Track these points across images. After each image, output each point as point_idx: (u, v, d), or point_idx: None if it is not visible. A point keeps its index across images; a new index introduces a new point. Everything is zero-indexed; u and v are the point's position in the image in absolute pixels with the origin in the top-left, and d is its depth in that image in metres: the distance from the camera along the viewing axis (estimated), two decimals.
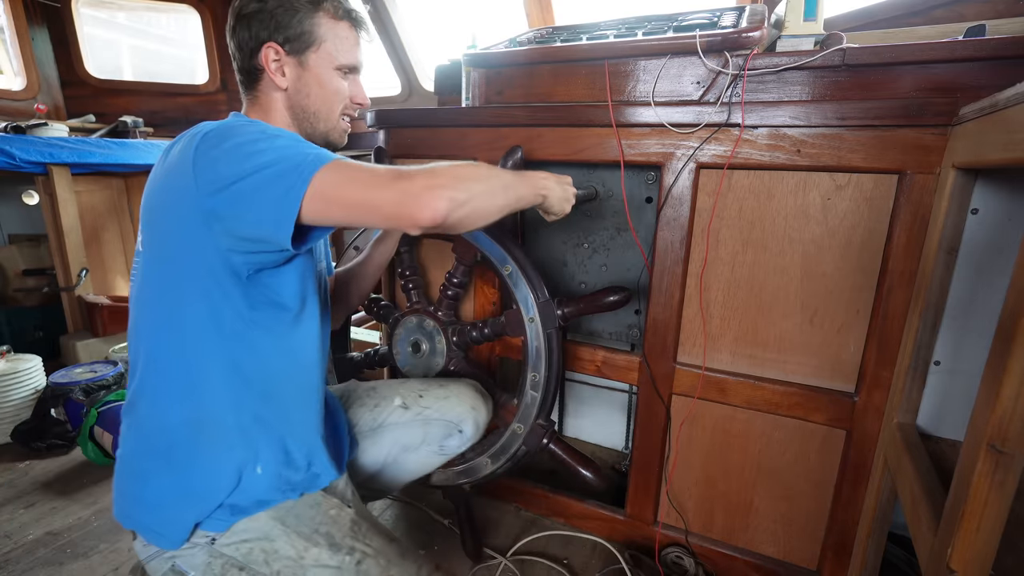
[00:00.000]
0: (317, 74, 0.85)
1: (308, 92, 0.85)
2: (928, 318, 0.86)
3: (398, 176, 0.65)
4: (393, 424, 1.05)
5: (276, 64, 0.83)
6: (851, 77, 0.98)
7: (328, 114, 0.88)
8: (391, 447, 1.05)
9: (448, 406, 1.06)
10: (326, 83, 0.86)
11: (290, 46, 0.82)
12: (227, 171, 0.66)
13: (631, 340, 1.30)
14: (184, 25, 3.50)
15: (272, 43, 0.81)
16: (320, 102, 0.86)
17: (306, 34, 0.82)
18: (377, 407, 1.06)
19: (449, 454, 1.09)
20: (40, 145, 2.07)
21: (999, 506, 0.51)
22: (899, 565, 1.18)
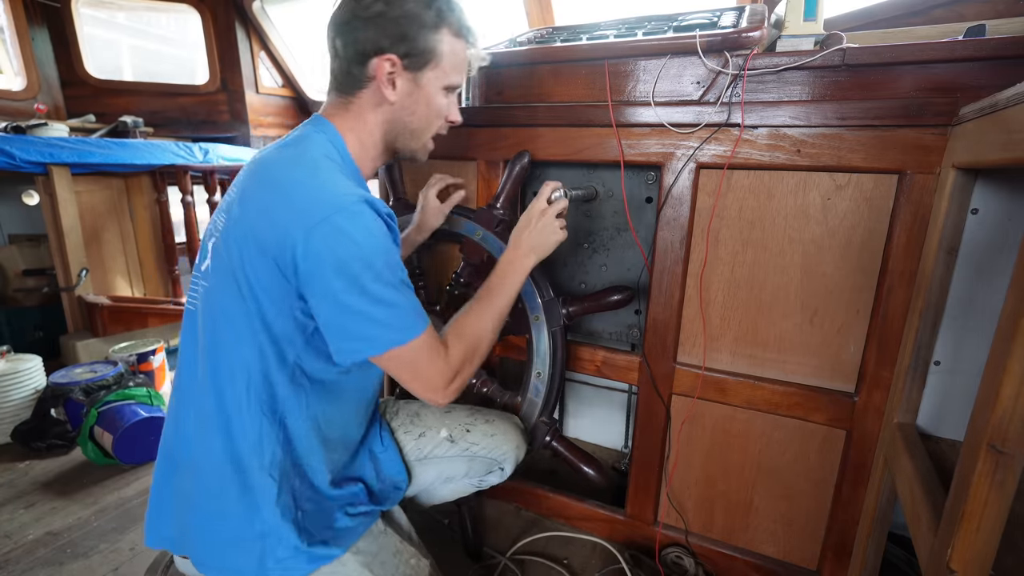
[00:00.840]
0: (428, 93, 0.81)
1: (414, 110, 0.82)
2: (928, 318, 0.86)
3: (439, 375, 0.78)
4: (439, 457, 1.04)
5: (390, 77, 0.78)
6: (851, 77, 0.98)
7: (425, 133, 0.86)
8: (434, 478, 1.04)
9: (494, 444, 1.05)
10: (434, 103, 0.83)
11: (409, 60, 0.78)
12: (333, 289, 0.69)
13: (631, 340, 1.30)
14: (184, 25, 3.50)
15: (391, 55, 0.76)
16: (423, 121, 0.84)
17: (428, 51, 0.78)
18: (423, 436, 1.05)
19: (485, 487, 1.10)
20: (40, 145, 2.07)
21: (999, 506, 0.51)
22: (899, 565, 1.18)
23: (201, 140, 2.79)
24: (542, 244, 0.95)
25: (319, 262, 0.67)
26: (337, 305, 0.69)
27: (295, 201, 0.69)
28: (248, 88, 3.00)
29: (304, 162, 0.74)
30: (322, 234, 0.67)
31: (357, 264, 0.68)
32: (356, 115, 0.81)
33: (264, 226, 0.70)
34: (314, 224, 0.67)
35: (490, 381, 1.26)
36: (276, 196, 0.71)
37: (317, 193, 0.70)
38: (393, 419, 1.08)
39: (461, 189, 1.20)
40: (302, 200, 0.69)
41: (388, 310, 0.71)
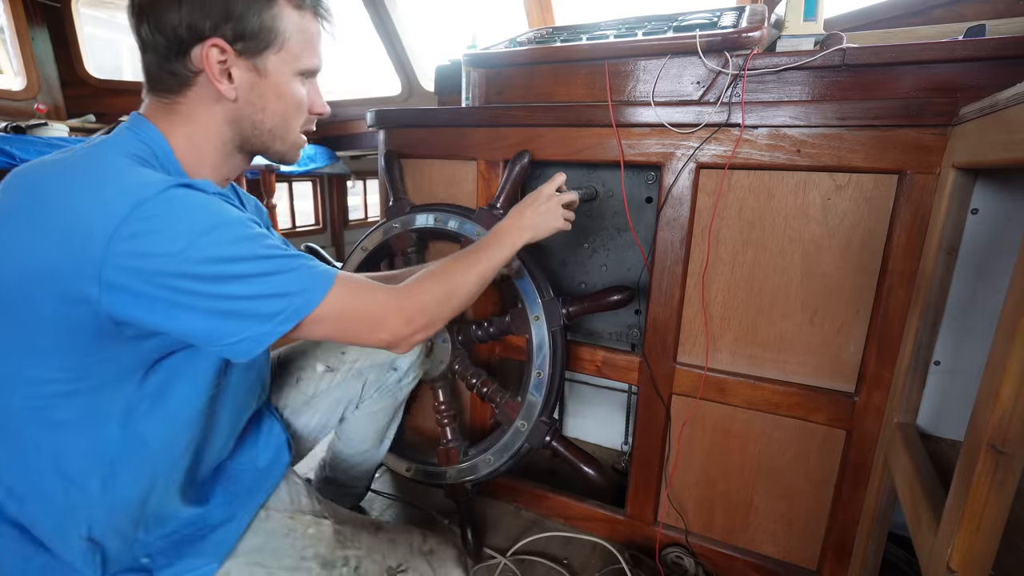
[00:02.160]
0: (277, 82, 0.66)
1: (264, 105, 0.66)
2: (928, 318, 0.86)
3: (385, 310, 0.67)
4: (326, 390, 0.98)
5: (222, 67, 0.62)
6: (851, 77, 0.98)
7: (287, 131, 0.70)
8: (332, 411, 0.99)
9: (373, 350, 0.99)
10: (287, 94, 0.67)
11: (243, 44, 0.62)
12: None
13: (631, 340, 1.30)
14: None
15: (218, 39, 0.61)
16: (279, 118, 0.68)
17: (265, 29, 0.62)
18: (300, 381, 0.98)
19: (396, 392, 1.04)
20: (40, 145, 2.06)
21: (999, 506, 0.51)
22: (899, 565, 1.18)
23: None
24: (541, 225, 0.90)
25: (142, 270, 0.52)
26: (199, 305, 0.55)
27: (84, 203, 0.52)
28: None
29: (86, 164, 0.56)
30: (132, 230, 0.51)
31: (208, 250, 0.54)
32: (186, 117, 0.65)
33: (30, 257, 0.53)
34: (117, 222, 0.51)
35: (490, 381, 1.26)
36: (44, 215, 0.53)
37: (105, 193, 0.53)
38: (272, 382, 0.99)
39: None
40: (93, 199, 0.52)
41: (277, 280, 0.58)
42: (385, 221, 1.35)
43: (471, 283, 0.78)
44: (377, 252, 1.38)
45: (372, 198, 3.91)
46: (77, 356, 0.57)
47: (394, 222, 1.33)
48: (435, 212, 1.28)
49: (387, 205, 1.37)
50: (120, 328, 0.56)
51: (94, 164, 0.57)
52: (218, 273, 0.55)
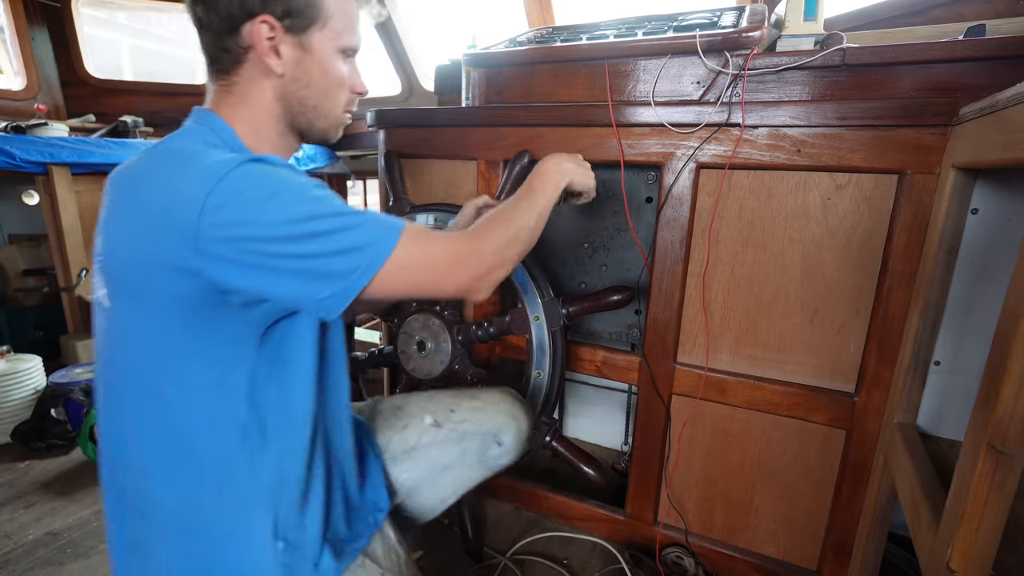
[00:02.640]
0: (321, 58, 0.68)
1: (308, 81, 0.69)
2: (928, 318, 0.86)
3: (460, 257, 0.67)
4: (427, 445, 0.96)
5: (271, 43, 0.65)
6: (851, 77, 0.98)
7: (331, 108, 0.73)
8: (428, 469, 0.97)
9: (483, 417, 0.98)
10: (330, 70, 0.70)
11: (290, 21, 0.65)
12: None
13: (631, 340, 1.30)
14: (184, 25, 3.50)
15: (267, 15, 0.63)
16: (322, 94, 0.71)
17: (311, 7, 0.65)
18: (406, 428, 0.97)
19: (493, 467, 1.01)
20: (40, 145, 2.06)
21: (999, 506, 0.51)
22: (899, 565, 1.18)
23: None
24: (578, 177, 0.90)
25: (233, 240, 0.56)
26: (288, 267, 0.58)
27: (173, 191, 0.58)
28: None
29: (172, 153, 0.62)
30: (217, 205, 0.55)
31: (277, 215, 0.57)
32: (241, 97, 0.68)
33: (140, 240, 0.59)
34: (201, 202, 0.55)
35: (490, 382, 1.26)
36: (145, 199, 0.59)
37: (193, 172, 0.58)
38: (376, 418, 1.01)
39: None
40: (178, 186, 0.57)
41: (349, 235, 0.60)
42: None
43: (532, 222, 0.79)
44: None
45: (372, 198, 3.91)
46: (198, 324, 0.61)
47: None
48: (435, 212, 1.28)
49: (387, 205, 1.37)
50: (227, 296, 0.60)
51: (179, 152, 0.62)
52: (293, 233, 0.58)
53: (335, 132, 0.77)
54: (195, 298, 0.59)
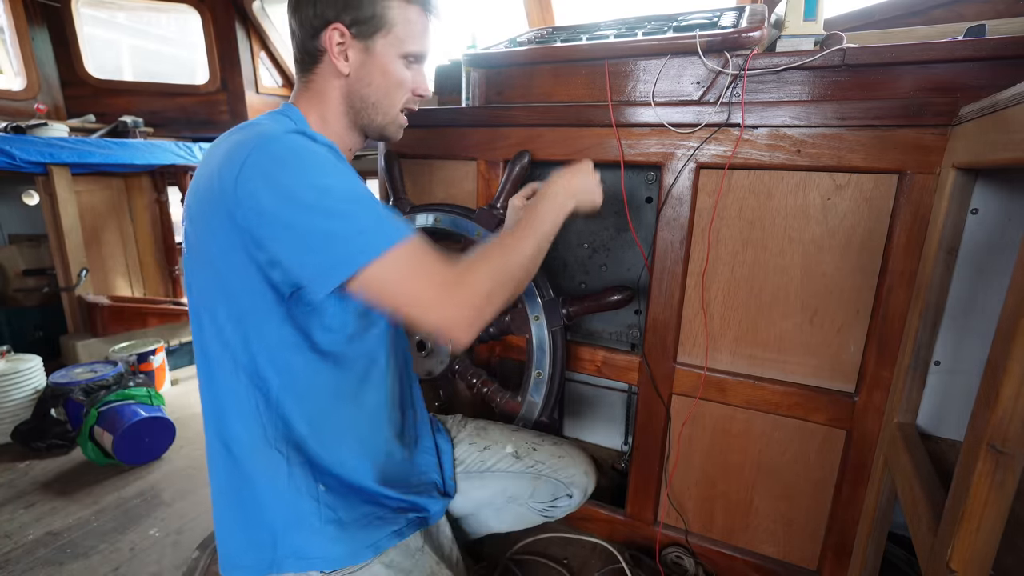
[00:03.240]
0: (382, 62, 0.78)
1: (370, 81, 0.78)
2: (928, 318, 0.86)
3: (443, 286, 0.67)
4: (503, 472, 1.01)
5: (340, 47, 0.76)
6: (851, 77, 0.98)
7: (389, 106, 0.82)
8: (497, 494, 1.01)
9: (562, 465, 1.02)
10: (391, 72, 0.79)
11: (357, 28, 0.75)
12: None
13: (631, 340, 1.30)
14: (184, 25, 3.49)
15: (338, 24, 0.74)
16: (382, 93, 0.80)
17: (376, 17, 0.75)
18: (488, 449, 1.03)
19: (552, 516, 1.05)
20: (40, 145, 2.07)
21: (999, 506, 0.51)
22: (899, 565, 1.18)
23: (201, 140, 2.79)
24: (586, 197, 0.91)
25: (255, 197, 0.63)
26: (289, 230, 0.64)
27: (227, 154, 0.67)
28: (248, 88, 3.00)
29: (249, 128, 0.71)
30: (250, 167, 0.64)
31: (294, 182, 0.64)
32: (316, 92, 0.80)
33: (207, 194, 0.68)
34: (241, 162, 0.64)
35: (490, 381, 1.26)
36: (215, 159, 0.69)
37: (246, 139, 0.67)
38: (459, 432, 1.07)
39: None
40: (231, 150, 0.67)
41: (348, 222, 0.64)
42: None
43: (532, 253, 0.79)
44: None
45: None
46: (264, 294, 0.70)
47: None
48: (435, 212, 1.28)
49: (387, 205, 1.37)
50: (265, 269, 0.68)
51: (254, 126, 0.71)
52: (305, 203, 0.64)
53: (394, 130, 0.86)
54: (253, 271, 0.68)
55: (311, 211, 0.63)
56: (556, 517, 1.05)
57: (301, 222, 0.64)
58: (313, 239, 0.64)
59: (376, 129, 0.84)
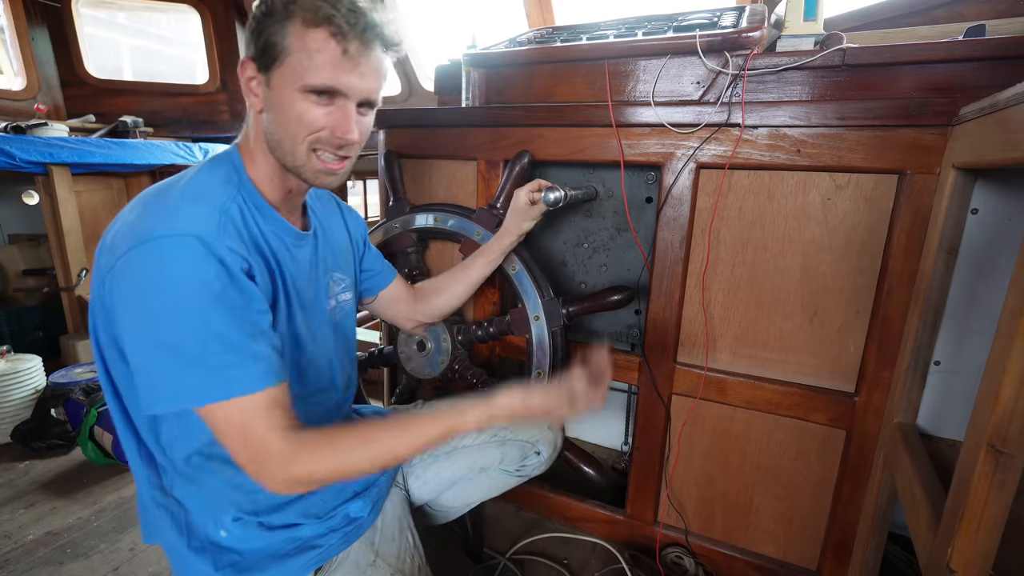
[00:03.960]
0: (280, 97, 0.68)
1: (273, 117, 0.70)
2: (928, 318, 0.86)
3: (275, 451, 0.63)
4: (468, 447, 1.01)
5: (250, 82, 0.70)
6: (851, 77, 0.98)
7: (292, 146, 0.70)
8: (467, 468, 1.01)
9: (524, 427, 1.02)
10: (288, 108, 0.68)
11: (259, 61, 0.68)
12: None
13: (631, 340, 1.30)
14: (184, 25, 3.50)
15: (247, 58, 0.70)
16: (282, 130, 0.70)
17: (271, 46, 0.67)
18: None
19: (525, 475, 1.06)
20: (40, 145, 2.06)
21: (999, 506, 0.51)
22: (899, 565, 1.18)
23: (201, 140, 2.79)
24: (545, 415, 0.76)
25: (117, 301, 0.62)
26: (134, 346, 0.62)
27: (115, 240, 0.64)
28: None
29: (161, 197, 0.67)
30: (120, 268, 0.61)
31: (150, 302, 0.59)
32: (249, 130, 0.75)
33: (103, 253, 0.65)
34: (117, 258, 0.61)
35: (490, 381, 1.26)
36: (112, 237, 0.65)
37: (141, 223, 0.63)
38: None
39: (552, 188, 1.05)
40: (125, 231, 0.63)
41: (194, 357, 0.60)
42: (385, 221, 1.35)
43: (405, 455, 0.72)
44: None
45: (372, 198, 3.90)
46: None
47: (394, 222, 1.33)
48: (435, 212, 1.28)
49: (387, 205, 1.37)
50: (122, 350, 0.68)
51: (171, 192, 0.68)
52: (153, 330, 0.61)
53: (311, 174, 0.73)
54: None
55: (155, 339, 0.60)
56: (531, 475, 1.06)
57: (142, 344, 0.61)
58: (146, 364, 0.62)
59: (294, 171, 0.73)
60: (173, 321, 0.60)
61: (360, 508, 0.84)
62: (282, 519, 0.78)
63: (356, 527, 0.83)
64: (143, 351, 0.62)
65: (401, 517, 0.91)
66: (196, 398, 0.61)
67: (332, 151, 0.72)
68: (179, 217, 0.63)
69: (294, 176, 0.75)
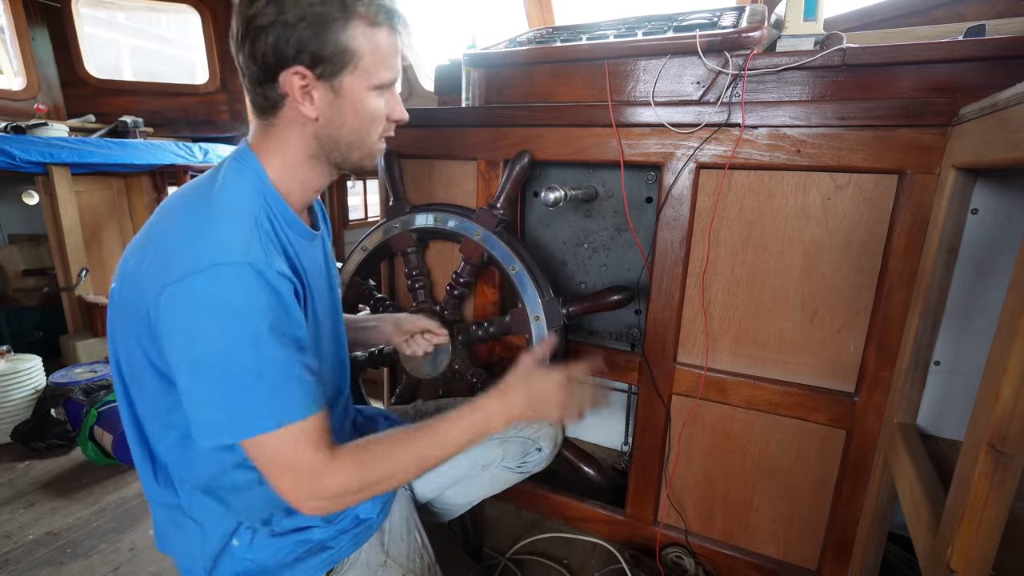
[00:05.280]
0: (353, 100, 0.69)
1: (343, 121, 0.70)
2: (928, 318, 0.86)
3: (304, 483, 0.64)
4: None
5: (304, 91, 0.66)
6: (851, 77, 0.98)
7: (363, 142, 0.73)
8: (469, 466, 1.01)
9: (525, 424, 1.02)
10: (363, 109, 0.70)
11: (322, 68, 0.65)
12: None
13: (631, 340, 1.30)
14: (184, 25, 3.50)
15: (298, 67, 0.65)
16: (355, 131, 0.71)
17: (341, 52, 0.65)
18: None
19: (527, 472, 1.06)
20: (40, 145, 2.06)
21: (999, 506, 0.51)
22: (899, 565, 1.18)
23: (201, 140, 2.79)
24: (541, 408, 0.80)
25: (170, 323, 0.61)
26: (189, 377, 0.62)
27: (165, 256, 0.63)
28: None
29: (201, 212, 0.66)
30: (176, 292, 0.60)
31: (209, 334, 0.59)
32: (279, 139, 0.71)
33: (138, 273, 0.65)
34: (172, 281, 0.60)
35: (490, 381, 1.26)
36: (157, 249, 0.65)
37: (187, 249, 0.62)
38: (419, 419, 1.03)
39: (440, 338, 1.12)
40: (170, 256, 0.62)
41: (247, 390, 0.61)
42: (385, 221, 1.35)
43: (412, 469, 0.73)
44: (377, 252, 1.38)
45: (372, 198, 3.91)
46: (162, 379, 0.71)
47: (394, 222, 1.33)
48: (435, 212, 1.28)
49: (387, 205, 1.37)
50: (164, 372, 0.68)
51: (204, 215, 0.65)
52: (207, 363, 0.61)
53: (371, 161, 0.77)
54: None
55: (209, 373, 0.61)
56: (532, 472, 1.06)
57: (197, 377, 0.61)
58: (200, 398, 0.62)
59: (352, 164, 0.75)
60: (229, 355, 0.60)
61: (369, 509, 0.84)
62: (292, 523, 0.77)
63: (366, 528, 0.83)
64: (198, 382, 0.61)
65: (408, 517, 0.91)
66: (249, 430, 0.62)
67: (390, 133, 0.77)
68: (228, 241, 0.63)
69: (346, 168, 0.76)
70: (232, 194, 0.68)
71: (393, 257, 1.47)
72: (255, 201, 0.68)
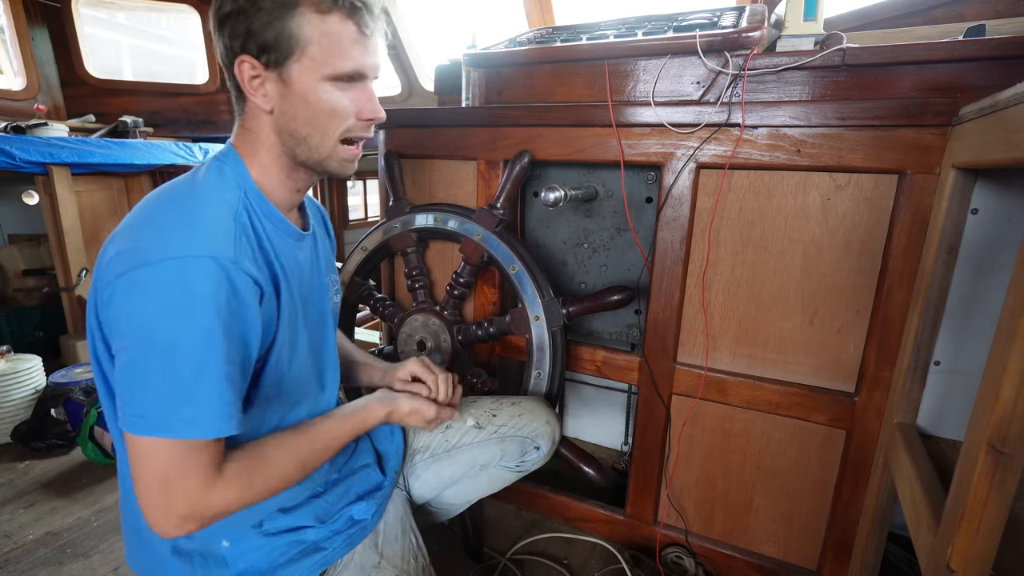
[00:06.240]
0: (302, 90, 0.65)
1: (295, 114, 0.67)
2: (928, 318, 0.86)
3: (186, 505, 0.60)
4: (468, 444, 1.01)
5: (255, 81, 0.65)
6: (851, 77, 0.99)
7: (322, 140, 0.69)
8: (467, 466, 1.01)
9: (523, 422, 1.03)
10: (314, 101, 0.66)
11: (267, 57, 0.64)
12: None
13: (631, 340, 1.30)
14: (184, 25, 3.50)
15: (246, 55, 0.64)
16: (310, 125, 0.68)
17: (283, 39, 0.63)
18: (449, 428, 1.02)
19: (525, 471, 1.06)
20: (40, 145, 2.06)
21: (999, 506, 0.51)
22: (899, 565, 1.18)
23: (201, 140, 2.79)
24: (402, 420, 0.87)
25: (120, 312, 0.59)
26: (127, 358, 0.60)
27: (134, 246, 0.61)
28: None
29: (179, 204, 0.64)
30: (119, 286, 0.58)
31: (140, 326, 0.58)
32: (250, 132, 0.70)
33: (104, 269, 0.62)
34: (130, 268, 0.58)
35: (490, 381, 1.26)
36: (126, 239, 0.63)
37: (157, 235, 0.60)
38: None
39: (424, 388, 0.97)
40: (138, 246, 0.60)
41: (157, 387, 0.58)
42: (385, 221, 1.35)
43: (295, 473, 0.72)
44: (377, 252, 1.38)
45: (372, 198, 3.91)
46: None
47: (394, 222, 1.33)
48: (435, 212, 1.28)
49: (387, 205, 1.37)
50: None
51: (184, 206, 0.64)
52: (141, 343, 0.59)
53: (337, 165, 0.72)
54: None
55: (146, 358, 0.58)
56: (530, 470, 1.07)
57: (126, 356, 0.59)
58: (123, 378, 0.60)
59: (319, 166, 0.72)
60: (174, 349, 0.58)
61: (364, 510, 0.84)
62: (286, 523, 0.77)
63: (360, 529, 0.83)
64: (126, 361, 0.59)
65: (403, 518, 0.91)
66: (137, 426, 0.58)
67: (362, 134, 0.72)
68: (196, 233, 0.61)
69: (312, 171, 0.73)
70: (211, 188, 0.67)
71: (393, 257, 1.47)
72: (234, 195, 0.67)
